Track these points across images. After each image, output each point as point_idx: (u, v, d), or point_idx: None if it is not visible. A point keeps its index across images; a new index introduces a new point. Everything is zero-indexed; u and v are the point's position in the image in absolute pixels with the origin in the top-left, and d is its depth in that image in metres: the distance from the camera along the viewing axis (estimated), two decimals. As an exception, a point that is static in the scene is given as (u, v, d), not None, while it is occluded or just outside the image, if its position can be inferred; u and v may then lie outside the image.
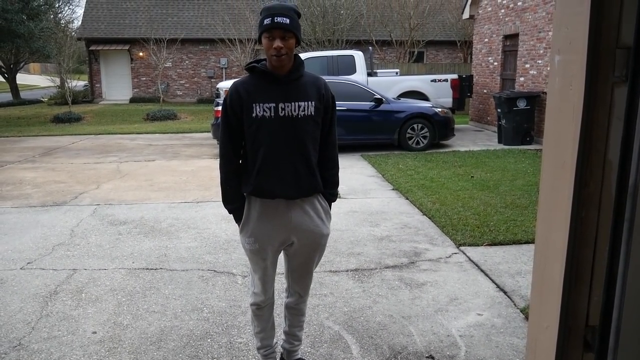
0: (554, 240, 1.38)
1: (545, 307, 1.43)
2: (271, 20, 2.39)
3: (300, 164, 2.54)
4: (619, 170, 1.22)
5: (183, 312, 3.72)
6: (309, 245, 2.68)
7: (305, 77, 2.57)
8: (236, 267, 4.57)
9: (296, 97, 2.50)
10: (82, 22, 25.47)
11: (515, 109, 11.32)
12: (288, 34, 2.40)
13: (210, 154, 10.96)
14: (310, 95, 2.52)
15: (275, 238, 2.62)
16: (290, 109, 2.48)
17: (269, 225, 2.60)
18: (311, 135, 2.55)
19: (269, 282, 2.76)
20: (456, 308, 3.77)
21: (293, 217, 2.59)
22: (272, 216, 2.59)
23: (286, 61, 2.45)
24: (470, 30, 20.19)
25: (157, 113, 18.29)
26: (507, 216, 5.87)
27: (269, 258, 2.66)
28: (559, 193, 1.35)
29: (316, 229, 2.65)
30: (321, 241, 2.71)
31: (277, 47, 2.39)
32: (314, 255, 2.75)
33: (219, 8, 25.11)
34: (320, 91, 2.56)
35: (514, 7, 12.91)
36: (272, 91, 2.49)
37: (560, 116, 1.36)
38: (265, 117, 2.48)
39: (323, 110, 2.58)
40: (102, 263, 4.68)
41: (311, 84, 2.56)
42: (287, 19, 2.39)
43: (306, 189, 2.58)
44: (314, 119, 2.54)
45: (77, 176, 8.71)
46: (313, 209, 2.64)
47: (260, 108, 2.47)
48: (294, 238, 2.64)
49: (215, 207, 6.58)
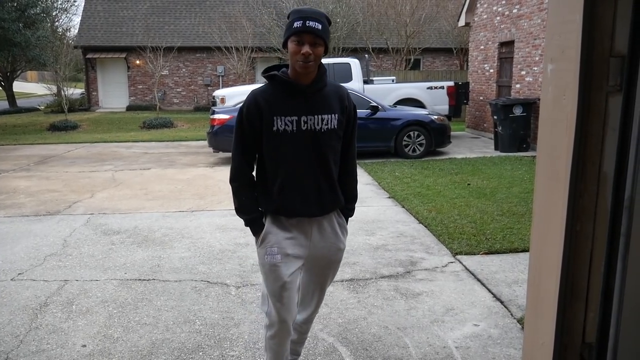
0: (549, 255, 1.34)
1: (541, 323, 1.39)
2: (302, 24, 2.22)
3: (323, 181, 2.42)
4: (614, 183, 1.18)
5: (175, 324, 3.66)
6: (324, 260, 2.57)
7: (329, 86, 2.43)
8: (230, 277, 4.51)
9: (319, 109, 2.36)
10: (79, 30, 25.47)
11: (511, 115, 11.32)
12: (318, 40, 2.25)
13: (206, 163, 10.91)
14: (333, 108, 2.39)
15: (298, 253, 2.46)
16: (313, 123, 2.34)
17: (291, 241, 2.44)
18: (334, 150, 2.44)
19: (287, 306, 2.47)
20: (452, 318, 3.72)
21: (312, 233, 2.48)
22: (293, 231, 2.45)
23: (312, 69, 2.30)
24: (466, 38, 20.24)
25: (153, 121, 18.25)
26: (503, 224, 5.83)
27: (289, 274, 2.43)
28: (553, 206, 1.31)
29: (333, 245, 2.54)
30: (336, 257, 2.60)
31: (305, 53, 2.23)
32: (329, 272, 2.64)
33: (216, 16, 25.14)
34: (344, 102, 2.43)
35: (509, 15, 12.93)
36: (294, 103, 2.34)
37: (554, 126, 1.32)
38: (287, 131, 2.32)
39: (345, 123, 2.46)
40: (94, 274, 4.62)
41: (334, 94, 2.42)
42: (319, 25, 2.24)
43: (328, 206, 2.48)
44: (337, 133, 2.41)
45: (71, 185, 8.65)
46: (330, 224, 2.53)
47: (282, 122, 2.32)
48: (311, 253, 2.51)
49: (210, 217, 6.53)
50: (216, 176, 9.34)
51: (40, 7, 21.77)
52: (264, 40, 23.07)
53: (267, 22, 22.87)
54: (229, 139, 11.35)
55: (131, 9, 26.02)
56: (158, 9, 26.09)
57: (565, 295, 1.29)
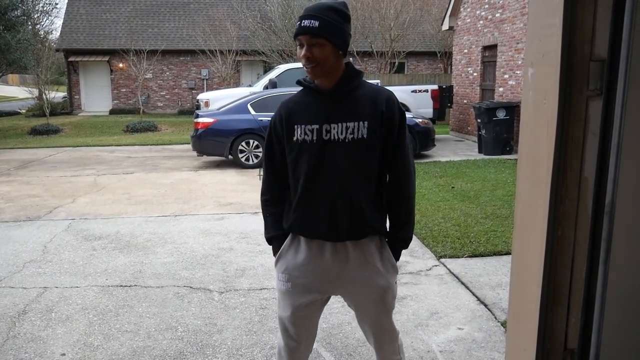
0: (531, 260, 1.32)
1: (523, 329, 1.38)
2: (299, 25, 1.99)
3: (343, 200, 2.05)
4: (595, 188, 1.17)
5: (156, 331, 3.61)
6: (360, 297, 2.19)
7: (362, 90, 2.09)
8: (213, 283, 4.46)
9: (344, 116, 2.03)
10: (61, 33, 25.21)
11: (495, 119, 11.39)
12: (317, 39, 1.95)
13: (190, 166, 10.83)
14: (362, 114, 2.03)
15: (312, 284, 2.14)
16: (336, 132, 2.03)
17: (307, 267, 2.13)
18: (362, 164, 2.06)
19: (293, 341, 2.22)
20: (436, 322, 3.71)
21: (335, 263, 2.11)
22: (313, 258, 2.13)
23: (320, 73, 2.01)
24: (450, 42, 20.37)
25: (137, 125, 18.09)
26: (487, 227, 5.85)
27: (296, 305, 2.15)
28: (534, 211, 1.30)
29: (367, 280, 2.12)
30: (374, 295, 2.15)
31: (303, 56, 1.98)
32: (373, 313, 2.20)
33: (200, 19, 25.02)
34: (379, 108, 2.05)
35: (492, 19, 13.03)
36: (316, 110, 2.06)
37: (535, 131, 1.32)
38: (306, 141, 2.05)
39: (385, 132, 2.06)
40: (74, 280, 4.54)
41: (368, 98, 2.07)
42: (317, 21, 1.94)
43: (350, 230, 2.07)
44: (366, 143, 2.03)
45: (52, 190, 8.53)
46: (361, 253, 2.11)
47: (302, 131, 2.05)
48: (339, 291, 2.20)
49: (194, 221, 6.47)
50: (200, 180, 9.27)
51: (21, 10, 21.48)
52: (248, 43, 23.02)
53: (252, 25, 22.82)
54: (213, 143, 11.27)
55: (114, 11, 25.81)
56: (141, 12, 25.91)
57: (547, 300, 1.29)
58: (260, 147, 10.50)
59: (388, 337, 2.29)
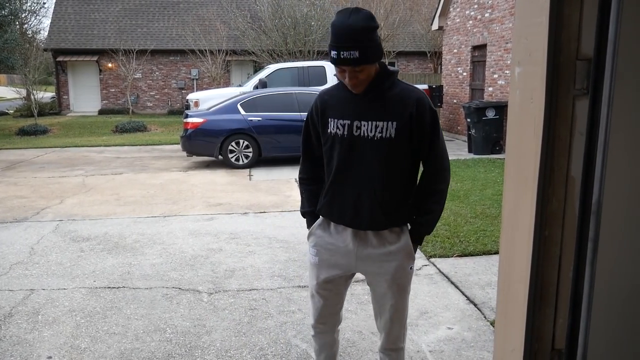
0: (518, 260, 1.32)
1: (511, 330, 1.37)
2: (337, 55, 2.02)
3: (367, 193, 2.19)
4: (581, 188, 1.16)
5: (145, 333, 3.58)
6: (377, 281, 2.34)
7: (395, 89, 2.17)
8: (202, 284, 4.43)
9: (375, 115, 2.14)
10: (49, 33, 24.99)
11: (484, 118, 11.43)
12: (359, 67, 2.04)
13: (179, 167, 10.78)
14: (392, 114, 2.13)
15: (337, 262, 2.33)
16: (366, 129, 2.14)
17: (333, 247, 2.33)
18: (389, 162, 2.17)
19: (319, 311, 2.44)
20: (426, 322, 3.71)
21: (357, 247, 2.28)
22: (338, 239, 2.31)
23: (364, 87, 2.13)
24: (439, 41, 20.42)
25: (126, 125, 17.98)
26: (477, 226, 5.86)
27: (322, 279, 2.36)
28: (521, 211, 1.29)
29: (383, 263, 2.27)
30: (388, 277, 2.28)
31: (349, 82, 2.10)
32: (387, 294, 2.33)
33: (190, 19, 24.90)
34: (408, 109, 2.13)
35: (481, 19, 13.08)
36: (349, 106, 2.18)
37: (522, 130, 1.31)
38: (337, 135, 2.19)
39: (416, 132, 2.15)
40: (61, 282, 4.50)
41: (399, 99, 2.15)
42: (357, 51, 1.99)
43: (371, 222, 2.22)
44: (394, 143, 2.14)
45: (40, 191, 8.45)
46: (382, 242, 2.26)
47: (335, 124, 2.20)
48: (359, 269, 2.34)
49: (183, 222, 6.44)
50: (190, 180, 9.22)
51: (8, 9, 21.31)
52: (238, 43, 22.95)
53: (242, 25, 22.74)
54: (203, 143, 11.25)
55: (103, 11, 25.63)
56: (130, 12, 25.76)
57: (535, 301, 1.28)
58: (250, 147, 10.46)
59: (398, 322, 2.40)
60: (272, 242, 5.58)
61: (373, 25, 2.05)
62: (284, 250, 5.28)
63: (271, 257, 5.08)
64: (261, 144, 10.49)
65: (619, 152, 1.09)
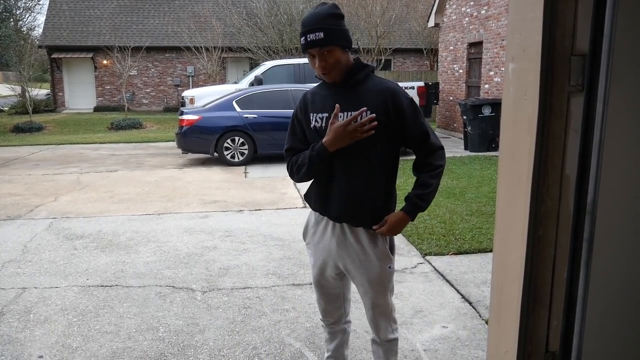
0: (512, 261, 1.29)
1: (504, 331, 1.35)
2: (304, 40, 2.14)
3: (343, 183, 2.25)
4: (576, 187, 1.14)
5: (137, 332, 3.54)
6: (358, 280, 2.35)
7: (369, 83, 2.23)
8: (196, 282, 4.40)
9: (351, 106, 2.18)
10: (44, 30, 24.86)
11: (480, 115, 11.41)
12: (326, 48, 2.12)
13: (174, 164, 10.73)
14: (367, 105, 2.17)
15: (325, 259, 2.39)
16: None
17: (319, 246, 2.40)
18: (367, 154, 2.21)
19: (322, 304, 2.53)
20: (421, 321, 3.69)
21: (336, 243, 2.33)
22: (321, 236, 2.38)
23: (336, 75, 2.19)
24: (436, 38, 20.39)
25: (121, 122, 17.91)
26: (472, 224, 5.84)
27: (318, 273, 2.43)
28: (515, 210, 1.27)
29: (361, 264, 2.31)
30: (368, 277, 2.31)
31: (319, 66, 2.16)
32: (368, 292, 2.36)
33: (185, 16, 24.81)
34: (383, 100, 2.17)
35: (477, 16, 13.05)
36: (327, 100, 2.26)
37: (516, 128, 1.28)
38: (317, 127, 2.27)
39: (395, 123, 2.19)
40: (54, 280, 4.46)
41: (375, 92, 2.20)
42: (322, 32, 2.10)
43: (345, 212, 2.27)
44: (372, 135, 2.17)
45: (34, 188, 8.40)
46: (359, 242, 2.29)
47: (315, 118, 2.28)
48: (342, 268, 2.37)
49: (178, 219, 6.40)
50: (185, 178, 9.18)
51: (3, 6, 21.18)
52: (234, 40, 22.87)
53: (237, 22, 22.67)
54: (198, 140, 11.20)
55: (98, 7, 25.51)
56: (125, 8, 25.65)
57: (529, 302, 1.25)
58: (246, 145, 10.42)
59: (383, 317, 2.44)
60: (267, 239, 5.55)
61: (337, 12, 2.18)
62: (278, 248, 5.25)
63: (266, 255, 5.05)
64: (257, 141, 10.44)
65: (615, 150, 1.07)
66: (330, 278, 2.44)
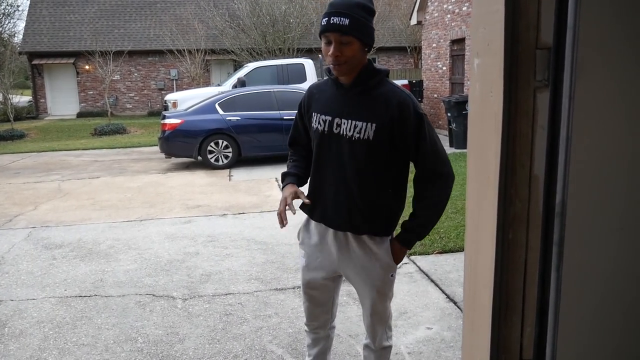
0: (483, 265, 1.23)
1: (477, 339, 1.29)
2: (326, 21, 1.95)
3: (345, 194, 2.13)
4: (545, 187, 1.08)
5: (115, 344, 3.45)
6: (358, 286, 2.30)
7: (379, 90, 2.06)
8: (177, 289, 4.32)
9: (355, 114, 2.05)
10: (24, 36, 24.56)
11: (464, 112, 11.39)
12: (346, 38, 1.93)
13: (158, 169, 10.61)
14: (372, 116, 2.03)
15: (321, 263, 2.29)
16: (345, 127, 2.06)
17: (316, 249, 2.29)
18: (366, 163, 2.08)
19: (309, 312, 2.44)
20: (405, 322, 3.63)
21: (338, 249, 2.23)
22: (320, 241, 2.27)
23: (346, 71, 2.01)
24: (419, 36, 20.40)
25: (105, 127, 17.71)
26: (457, 222, 5.80)
27: (308, 280, 2.34)
28: (484, 212, 1.21)
29: (363, 271, 2.22)
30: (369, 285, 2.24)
31: (332, 55, 1.96)
32: (368, 299, 2.29)
33: (167, 19, 24.62)
34: (389, 112, 2.02)
35: (459, 12, 13.05)
36: (333, 102, 2.12)
37: (482, 126, 1.22)
38: (319, 130, 2.14)
39: (398, 137, 2.05)
40: (31, 292, 4.35)
41: (383, 100, 2.04)
42: (347, 19, 1.91)
43: (348, 222, 2.15)
44: (372, 145, 2.04)
45: (14, 197, 8.24)
46: (363, 249, 2.19)
47: (317, 119, 2.15)
48: (342, 272, 2.30)
49: (160, 225, 6.30)
50: (168, 183, 9.07)
51: (-19, 12, 20.88)
52: (217, 42, 22.74)
53: (220, 24, 22.53)
54: (181, 144, 11.07)
55: (78, 12, 25.24)
56: (106, 12, 25.40)
57: (500, 308, 1.20)
58: (230, 147, 10.33)
59: (379, 324, 2.37)
60: (250, 244, 5.47)
61: (370, 7, 2.01)
62: (262, 252, 5.17)
63: (249, 260, 4.97)
64: (241, 143, 10.35)
65: (582, 147, 1.01)
66: (324, 281, 2.35)
